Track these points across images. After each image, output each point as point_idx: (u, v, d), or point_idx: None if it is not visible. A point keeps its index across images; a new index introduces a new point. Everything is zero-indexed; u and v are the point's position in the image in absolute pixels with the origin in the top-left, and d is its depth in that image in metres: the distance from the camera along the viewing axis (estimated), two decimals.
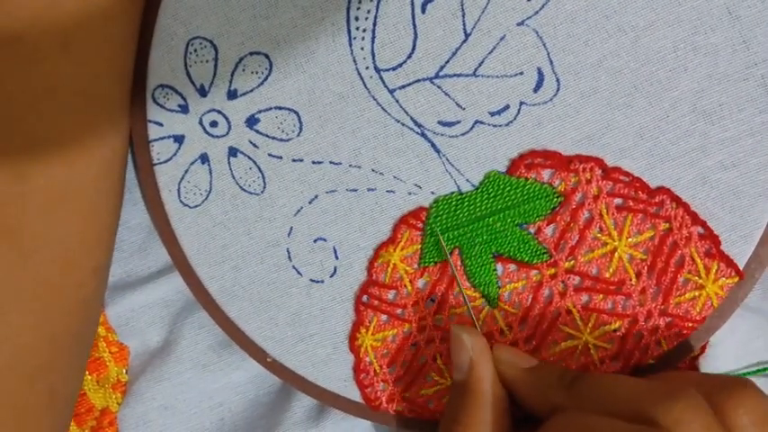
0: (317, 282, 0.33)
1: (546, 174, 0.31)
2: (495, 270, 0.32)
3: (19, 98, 0.29)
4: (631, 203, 0.31)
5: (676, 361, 0.31)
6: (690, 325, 0.31)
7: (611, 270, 0.31)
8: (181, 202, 0.34)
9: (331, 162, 0.33)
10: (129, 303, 0.36)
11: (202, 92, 0.33)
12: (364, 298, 0.33)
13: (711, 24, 0.29)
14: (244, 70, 0.32)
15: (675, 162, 0.30)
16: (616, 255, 0.31)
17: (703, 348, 0.33)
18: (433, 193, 0.32)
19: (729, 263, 0.30)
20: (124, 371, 0.36)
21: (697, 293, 0.31)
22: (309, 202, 0.33)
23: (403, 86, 0.31)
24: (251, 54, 0.32)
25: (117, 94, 0.32)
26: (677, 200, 0.30)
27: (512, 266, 0.32)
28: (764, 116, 0.30)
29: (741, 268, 0.30)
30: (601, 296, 0.31)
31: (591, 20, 0.30)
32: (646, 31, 0.30)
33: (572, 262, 0.31)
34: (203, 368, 0.36)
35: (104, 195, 0.33)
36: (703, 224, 0.30)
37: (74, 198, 0.31)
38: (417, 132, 0.32)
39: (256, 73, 0.32)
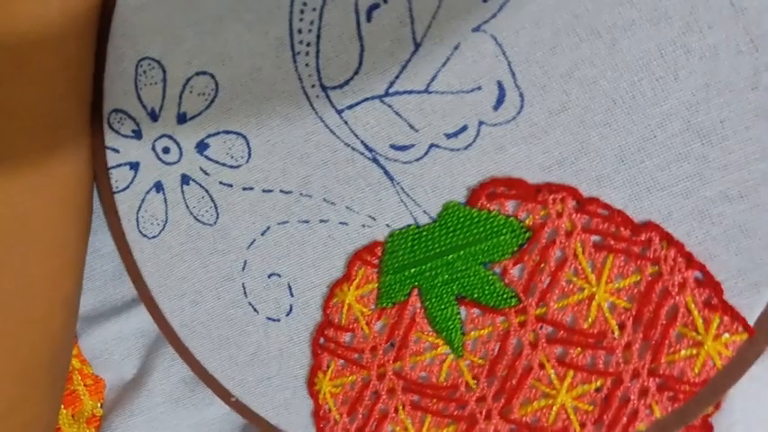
0: (274, 320, 0.31)
1: (510, 205, 0.26)
2: (458, 314, 0.28)
3: None
4: (612, 242, 0.25)
5: (674, 429, 0.26)
6: (687, 388, 0.25)
7: (589, 320, 0.26)
8: (140, 232, 0.32)
9: (281, 191, 0.30)
10: (102, 334, 0.35)
11: (153, 116, 0.31)
12: (321, 340, 0.30)
13: (708, 20, 0.23)
14: (191, 92, 0.30)
15: (666, 192, 0.25)
16: (594, 302, 0.26)
17: (718, 405, 0.28)
18: (388, 225, 0.28)
19: (735, 316, 0.25)
20: (99, 405, 0.35)
21: (694, 351, 0.25)
22: (262, 234, 0.30)
23: (351, 106, 0.28)
24: (197, 74, 0.30)
25: (77, 115, 0.31)
26: (668, 238, 0.25)
27: (476, 311, 0.27)
28: None
29: (751, 323, 0.24)
30: (578, 350, 0.26)
31: (559, 22, 0.25)
32: (625, 32, 0.24)
33: (543, 308, 0.26)
34: (176, 403, 0.34)
35: (70, 222, 0.31)
36: (701, 268, 0.25)
37: (37, 226, 0.30)
38: (369, 158, 0.28)
39: (203, 95, 0.30)
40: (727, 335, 0.25)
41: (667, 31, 0.24)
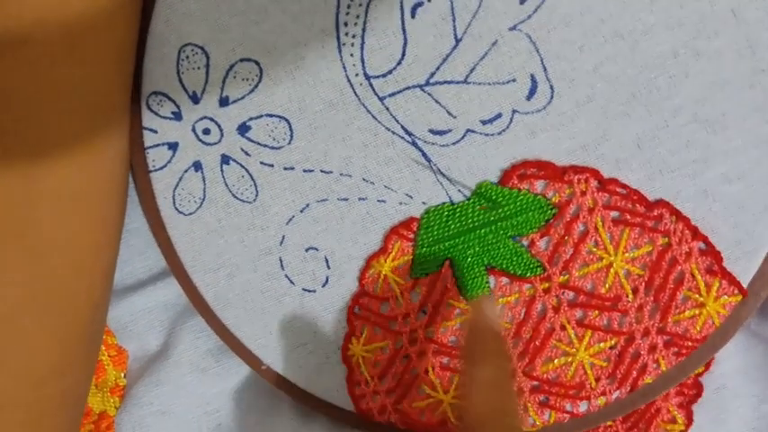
0: (310, 291, 0.33)
1: (539, 185, 0.30)
2: (487, 283, 0.31)
3: (29, 102, 0.30)
4: (628, 217, 0.29)
5: (676, 381, 0.30)
6: (690, 344, 0.29)
7: (606, 285, 0.30)
8: (176, 209, 0.34)
9: (322, 171, 0.32)
10: (128, 306, 0.36)
11: (195, 99, 0.33)
12: (356, 309, 0.33)
13: (715, 28, 0.28)
14: (235, 77, 0.32)
15: (675, 174, 0.29)
16: (612, 270, 0.30)
17: (708, 365, 0.32)
18: (424, 203, 0.31)
19: (732, 280, 0.29)
20: (122, 375, 0.36)
21: (697, 312, 0.29)
22: (301, 211, 0.33)
23: (393, 94, 0.31)
24: (242, 61, 0.32)
25: (121, 97, 0.33)
26: (677, 213, 0.29)
27: (504, 280, 0.31)
28: None
29: (745, 286, 0.29)
30: (596, 312, 0.30)
31: (586, 24, 0.28)
32: (644, 35, 0.28)
33: (566, 276, 0.30)
34: (202, 373, 0.36)
35: (112, 198, 0.33)
36: (704, 239, 0.29)
37: (84, 201, 0.31)
38: (408, 141, 0.31)
39: (247, 80, 0.32)
40: (725, 297, 0.29)
41: (680, 36, 0.28)
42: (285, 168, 0.32)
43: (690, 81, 0.28)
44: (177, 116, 0.33)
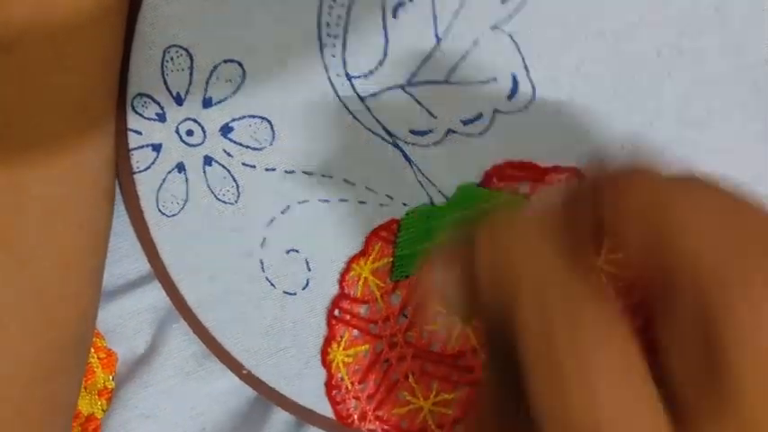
0: (290, 294, 0.33)
1: (521, 186, 0.29)
2: None
3: (14, 108, 0.30)
4: None
5: None
6: None
7: None
8: (159, 210, 0.34)
9: (303, 171, 0.32)
10: (116, 309, 0.36)
11: (179, 100, 0.33)
12: (336, 312, 0.32)
13: (698, 26, 0.27)
14: (218, 78, 0.32)
15: None
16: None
17: None
18: (404, 204, 0.31)
19: None
20: (111, 377, 0.36)
21: None
22: (282, 212, 0.32)
23: (374, 94, 0.30)
24: (225, 62, 0.32)
25: (106, 102, 0.33)
26: None
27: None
28: (756, 124, 0.27)
29: None
30: None
31: (568, 23, 0.28)
32: (626, 34, 0.28)
33: None
34: (186, 376, 0.36)
35: (98, 202, 0.33)
36: None
37: (70, 206, 0.31)
38: (389, 141, 0.31)
39: (230, 81, 0.32)
40: None
41: (663, 34, 0.27)
42: (267, 169, 0.32)
43: (673, 80, 0.28)
44: (161, 117, 0.33)
